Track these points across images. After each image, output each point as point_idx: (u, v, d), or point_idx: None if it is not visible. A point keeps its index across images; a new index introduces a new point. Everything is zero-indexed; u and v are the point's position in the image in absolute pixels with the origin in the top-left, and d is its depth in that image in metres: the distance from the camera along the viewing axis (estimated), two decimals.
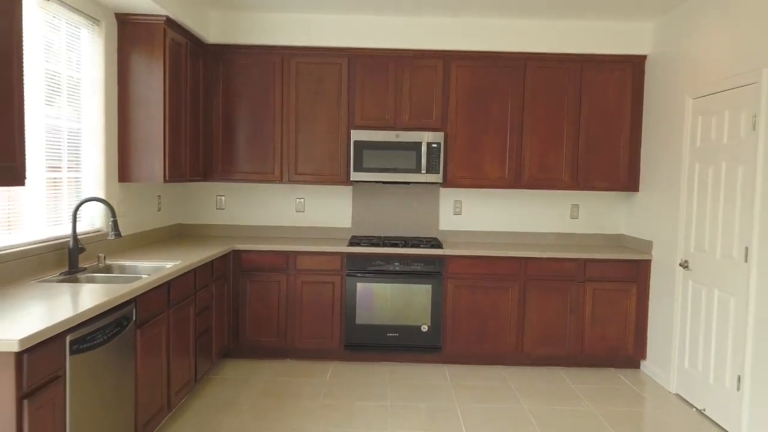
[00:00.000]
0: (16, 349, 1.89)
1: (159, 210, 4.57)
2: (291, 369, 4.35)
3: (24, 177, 2.39)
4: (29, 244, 3.01)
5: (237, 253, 4.45)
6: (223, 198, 5.04)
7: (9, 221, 2.91)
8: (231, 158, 4.70)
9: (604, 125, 4.69)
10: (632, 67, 4.66)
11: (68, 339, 2.21)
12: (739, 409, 3.31)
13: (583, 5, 4.22)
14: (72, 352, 2.23)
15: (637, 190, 4.73)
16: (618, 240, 5.03)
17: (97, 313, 2.39)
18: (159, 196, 4.56)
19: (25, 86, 2.40)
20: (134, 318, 2.78)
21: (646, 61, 4.66)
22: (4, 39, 2.25)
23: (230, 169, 4.71)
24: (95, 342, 2.41)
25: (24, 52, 2.40)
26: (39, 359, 2.02)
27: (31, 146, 2.97)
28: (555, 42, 4.63)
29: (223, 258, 4.26)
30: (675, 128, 4.16)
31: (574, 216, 5.05)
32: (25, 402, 1.96)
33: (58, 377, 2.16)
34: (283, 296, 4.48)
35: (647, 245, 4.53)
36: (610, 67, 4.66)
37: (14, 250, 2.87)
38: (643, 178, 4.67)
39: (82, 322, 2.30)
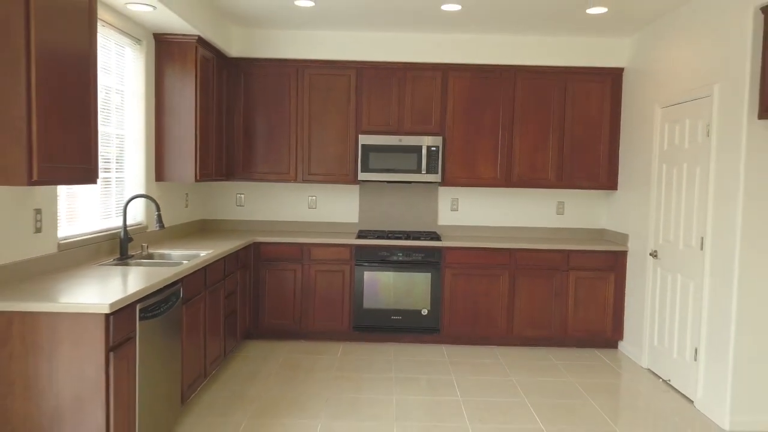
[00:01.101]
0: (106, 311, 2.42)
1: (186, 206, 5.10)
2: (306, 348, 4.88)
3: (97, 176, 2.92)
4: (88, 234, 3.53)
5: (257, 245, 4.98)
6: (242, 196, 5.57)
7: (71, 215, 3.43)
8: (251, 160, 5.23)
9: (586, 130, 5.22)
10: (611, 79, 5.19)
11: (138, 307, 2.73)
12: (696, 377, 3.85)
13: (568, 23, 4.75)
14: (140, 318, 2.76)
15: (616, 189, 5.26)
16: (600, 234, 5.56)
17: (158, 288, 2.92)
18: (187, 194, 5.09)
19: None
20: (181, 295, 3.30)
21: (623, 73, 5.19)
22: (84, 65, 2.77)
23: (250, 169, 5.24)
24: (155, 312, 2.93)
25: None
26: (120, 321, 2.55)
27: None
28: (542, 56, 5.15)
29: (245, 249, 4.79)
30: (646, 133, 4.69)
31: (560, 212, 5.57)
32: (111, 353, 2.48)
33: (131, 338, 2.68)
34: (298, 283, 5.00)
35: (624, 238, 5.06)
36: (591, 78, 5.19)
37: (78, 239, 3.39)
38: (621, 178, 5.20)
39: (147, 295, 2.83)
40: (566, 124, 5.21)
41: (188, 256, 3.95)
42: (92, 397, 2.45)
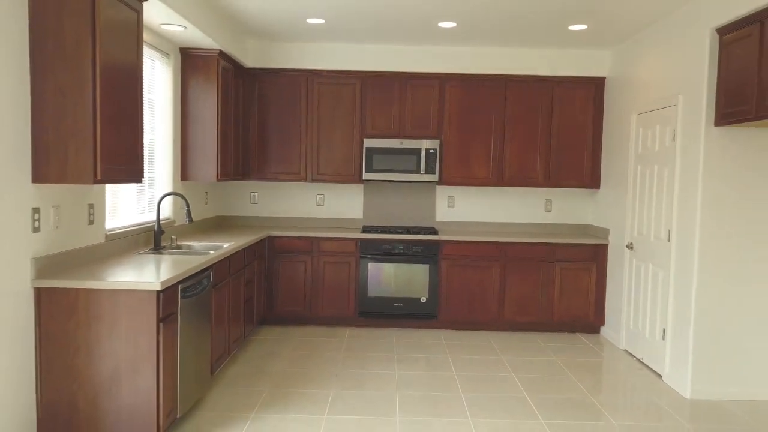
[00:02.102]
0: (158, 288, 2.90)
1: (206, 204, 5.58)
2: (316, 332, 5.37)
3: (142, 176, 3.41)
4: (127, 227, 4.02)
5: (271, 239, 5.47)
6: (256, 194, 6.06)
7: (113, 210, 3.91)
8: (264, 161, 5.71)
9: (571, 134, 5.71)
10: (594, 87, 5.68)
11: (180, 287, 3.22)
12: (664, 354, 4.34)
13: (554, 37, 5.23)
14: (181, 297, 3.25)
15: (599, 187, 5.76)
16: (584, 229, 6.05)
17: (195, 272, 3.41)
18: (206, 192, 5.58)
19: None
20: (211, 280, 3.79)
21: (605, 82, 5.68)
22: (133, 78, 3.26)
23: (264, 169, 5.72)
24: (192, 293, 3.42)
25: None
26: (167, 298, 3.04)
27: None
28: (530, 66, 5.64)
29: (261, 242, 5.27)
30: (624, 137, 5.18)
31: (548, 209, 6.07)
32: (161, 324, 2.97)
33: (174, 313, 3.17)
34: (308, 274, 5.49)
35: (605, 232, 5.55)
36: (576, 86, 5.68)
37: (120, 231, 3.88)
38: (603, 178, 5.69)
39: (186, 278, 3.31)
40: (553, 128, 5.70)
41: (212, 248, 4.43)
42: (145, 361, 2.94)
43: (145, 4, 3.60)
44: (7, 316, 2.73)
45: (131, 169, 3.27)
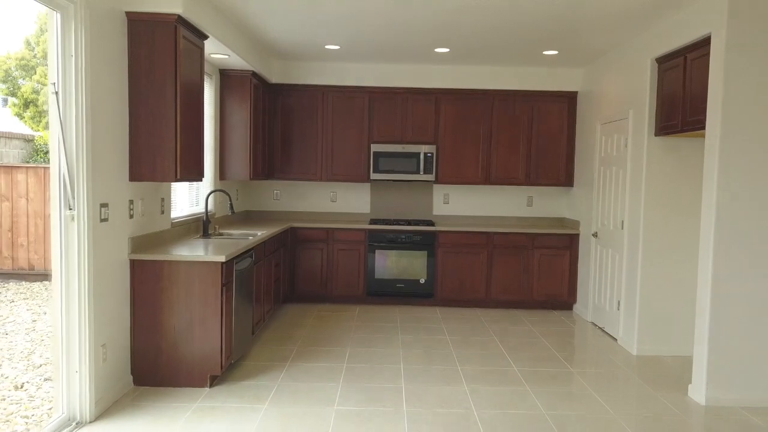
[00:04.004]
0: (222, 260, 3.87)
1: (237, 199, 6.55)
2: (331, 308, 6.34)
3: (203, 175, 4.38)
4: (183, 217, 4.99)
5: (293, 229, 6.44)
6: (278, 192, 7.03)
7: (174, 203, 4.88)
8: (286, 163, 6.68)
9: (549, 140, 6.68)
10: (568, 100, 6.65)
11: (234, 262, 4.19)
12: (618, 321, 5.31)
13: (532, 58, 6.20)
14: (235, 270, 4.22)
15: (572, 186, 6.73)
16: (561, 221, 7.02)
17: (243, 250, 4.38)
18: (237, 190, 6.55)
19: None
20: (253, 258, 4.76)
21: (577, 96, 6.65)
22: (197, 95, 4.23)
23: (286, 170, 6.69)
24: (242, 268, 4.39)
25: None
26: (227, 269, 4.00)
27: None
28: (514, 82, 6.61)
29: (284, 232, 6.24)
30: (591, 143, 6.15)
31: (529, 204, 7.04)
32: (223, 288, 3.94)
33: (230, 281, 4.13)
34: (324, 259, 6.46)
35: (577, 224, 6.52)
36: (552, 100, 6.65)
37: (179, 220, 4.84)
38: (575, 177, 6.66)
39: (237, 255, 4.27)
40: (533, 135, 6.67)
41: (248, 235, 5.39)
42: (212, 316, 3.91)
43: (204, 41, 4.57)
44: (115, 281, 3.70)
45: (197, 170, 4.25)
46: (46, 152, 9.51)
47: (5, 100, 18.03)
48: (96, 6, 3.37)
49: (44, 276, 7.91)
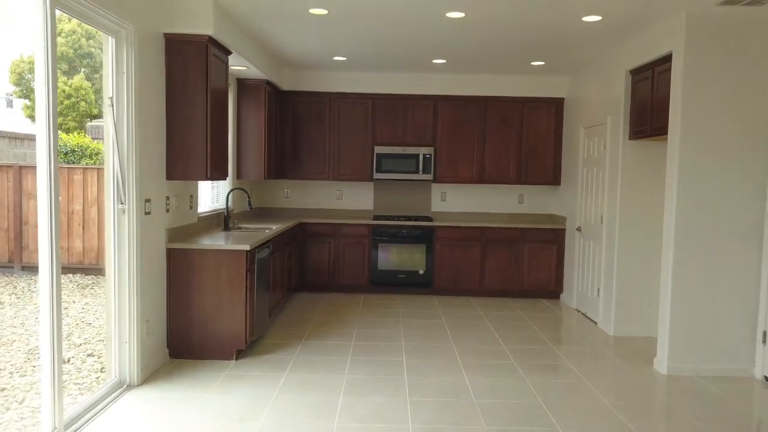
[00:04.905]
0: (247, 249, 4.45)
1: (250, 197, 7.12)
2: (338, 297, 6.92)
3: (227, 175, 4.95)
4: (207, 212, 5.57)
5: (303, 224, 7.02)
6: (288, 190, 7.60)
7: (199, 200, 5.45)
8: (296, 164, 7.26)
9: (538, 143, 7.25)
10: (555, 106, 7.23)
11: (256, 251, 4.76)
12: (598, 307, 5.89)
13: (522, 67, 6.77)
14: (257, 258, 4.79)
15: (560, 184, 7.30)
16: (549, 217, 7.60)
17: (263, 241, 4.95)
18: (250, 188, 7.12)
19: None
20: (271, 249, 5.33)
21: (564, 102, 7.23)
22: (222, 101, 4.81)
23: (296, 170, 7.27)
24: (261, 256, 4.96)
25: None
26: (250, 257, 4.58)
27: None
28: (505, 89, 7.19)
29: (295, 227, 6.81)
30: (575, 146, 6.73)
31: (520, 202, 7.61)
32: (247, 273, 4.51)
33: (252, 268, 4.70)
34: (331, 252, 7.04)
35: (564, 219, 7.10)
36: (541, 105, 7.23)
37: (204, 215, 5.42)
38: (562, 177, 7.23)
39: (258, 246, 4.84)
40: (523, 138, 7.24)
41: (263, 228, 5.96)
42: (238, 297, 4.48)
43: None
44: (155, 265, 4.28)
45: (223, 170, 4.83)
46: (66, 153, 10.07)
47: (9, 101, 18.67)
48: (141, 30, 3.95)
49: (67, 269, 8.48)
